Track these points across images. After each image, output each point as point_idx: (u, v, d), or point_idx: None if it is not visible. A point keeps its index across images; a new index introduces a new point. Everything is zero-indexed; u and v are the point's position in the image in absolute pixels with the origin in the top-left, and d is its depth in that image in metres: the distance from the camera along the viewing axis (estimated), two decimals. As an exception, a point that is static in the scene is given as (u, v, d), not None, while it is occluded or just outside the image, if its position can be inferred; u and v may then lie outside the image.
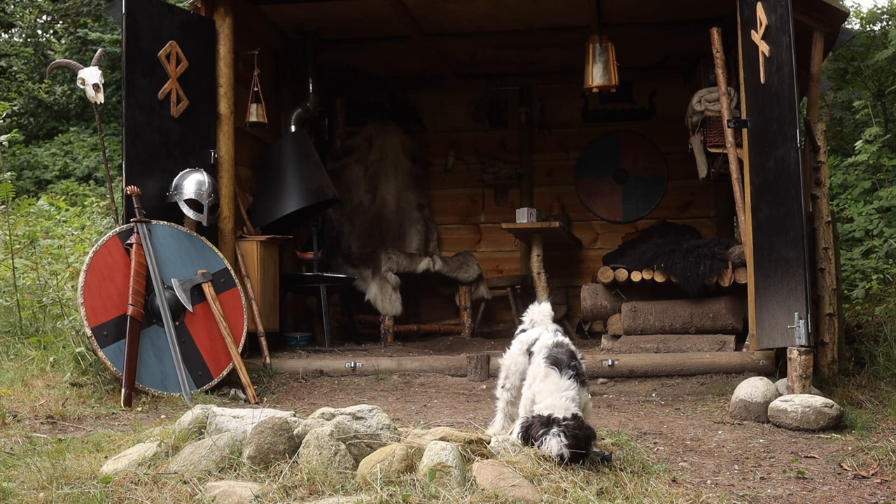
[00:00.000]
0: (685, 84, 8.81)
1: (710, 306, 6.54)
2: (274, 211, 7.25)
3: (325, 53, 8.19)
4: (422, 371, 6.36)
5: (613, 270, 6.86)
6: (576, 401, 3.47)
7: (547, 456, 3.41)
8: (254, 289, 6.61)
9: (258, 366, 6.31)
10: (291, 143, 7.59)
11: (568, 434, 3.35)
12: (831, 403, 4.69)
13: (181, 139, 6.38)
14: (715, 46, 6.41)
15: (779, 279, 5.32)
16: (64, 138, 13.71)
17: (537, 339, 3.75)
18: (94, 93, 6.09)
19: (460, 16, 7.62)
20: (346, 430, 3.50)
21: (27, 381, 5.38)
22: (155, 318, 5.66)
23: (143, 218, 5.82)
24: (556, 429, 3.36)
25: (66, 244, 8.18)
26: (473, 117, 9.62)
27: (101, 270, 5.55)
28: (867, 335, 6.41)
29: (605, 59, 7.17)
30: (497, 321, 9.21)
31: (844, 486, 3.62)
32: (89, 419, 4.90)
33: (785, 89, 5.22)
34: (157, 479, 3.39)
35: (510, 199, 9.48)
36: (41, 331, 6.40)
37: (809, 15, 5.75)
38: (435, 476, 3.21)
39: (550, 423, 3.38)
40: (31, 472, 3.53)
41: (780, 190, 5.32)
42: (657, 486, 3.41)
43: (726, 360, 5.96)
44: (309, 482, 3.26)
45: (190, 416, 3.89)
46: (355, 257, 8.63)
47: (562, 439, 3.34)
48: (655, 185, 9.31)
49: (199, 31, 6.58)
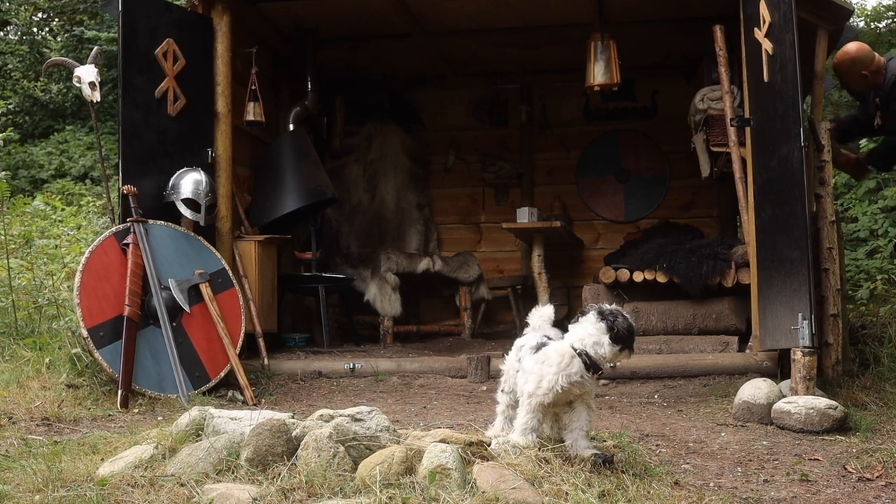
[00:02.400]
0: (687, 82, 8.78)
1: (712, 307, 6.52)
2: (272, 210, 7.23)
3: (325, 52, 8.16)
4: (421, 372, 6.34)
5: (615, 271, 6.84)
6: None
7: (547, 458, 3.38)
8: (252, 289, 6.58)
9: (256, 367, 6.28)
10: (290, 142, 7.57)
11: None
12: (835, 405, 4.67)
13: (178, 138, 6.35)
14: (718, 44, 6.37)
15: (782, 279, 5.30)
16: (60, 137, 13.70)
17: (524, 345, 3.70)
18: (90, 91, 6.06)
19: (460, 13, 7.59)
20: (345, 432, 3.47)
21: (23, 382, 5.35)
22: (152, 318, 5.63)
23: (139, 218, 5.80)
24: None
25: (61, 244, 8.17)
26: (474, 116, 9.59)
27: (97, 271, 5.52)
28: (872, 336, 6.37)
29: (607, 57, 7.13)
30: (498, 322, 9.19)
31: (848, 489, 3.59)
32: (85, 421, 4.88)
33: (788, 87, 5.18)
34: (154, 482, 3.36)
35: (511, 199, 9.45)
36: (37, 332, 6.37)
37: (813, 12, 5.71)
38: (435, 478, 3.19)
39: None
40: (27, 474, 3.51)
41: (783, 189, 5.30)
42: (659, 488, 3.39)
43: (729, 361, 5.94)
44: (307, 484, 3.23)
45: (187, 417, 3.87)
46: (354, 257, 8.60)
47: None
48: (657, 185, 9.28)
49: (196, 28, 6.56)
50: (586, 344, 3.45)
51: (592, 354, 3.44)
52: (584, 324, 3.50)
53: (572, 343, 3.48)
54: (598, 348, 3.43)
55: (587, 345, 3.45)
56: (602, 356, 3.44)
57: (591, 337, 3.44)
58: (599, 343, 3.43)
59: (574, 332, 3.52)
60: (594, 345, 3.43)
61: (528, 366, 3.56)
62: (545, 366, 3.48)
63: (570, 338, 3.51)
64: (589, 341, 3.44)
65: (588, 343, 3.44)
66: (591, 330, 3.45)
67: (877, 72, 5.69)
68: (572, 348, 3.47)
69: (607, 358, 3.45)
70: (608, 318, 3.44)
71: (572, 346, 3.47)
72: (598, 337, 3.43)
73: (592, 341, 3.44)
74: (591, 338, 3.44)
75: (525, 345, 3.68)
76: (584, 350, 3.45)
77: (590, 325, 3.46)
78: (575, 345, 3.47)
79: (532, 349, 3.60)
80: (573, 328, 3.54)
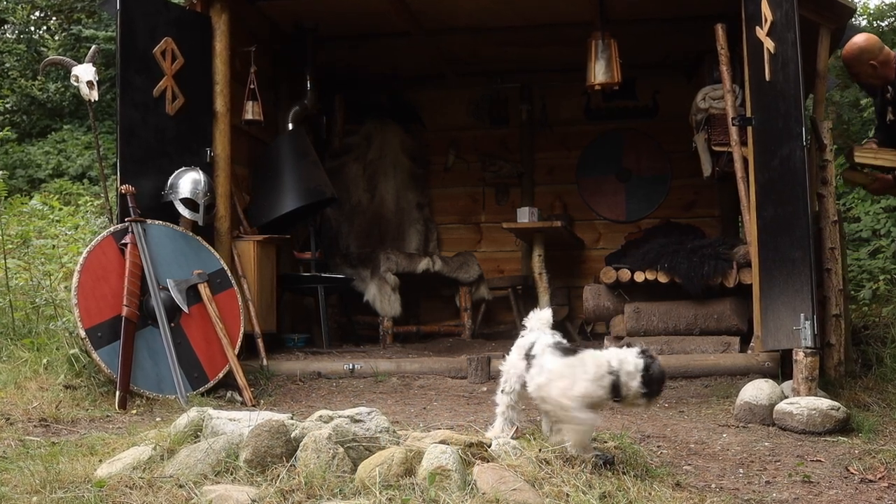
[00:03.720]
0: (689, 81, 8.77)
1: (714, 307, 6.50)
2: (271, 210, 7.21)
3: (324, 51, 8.15)
4: (421, 373, 6.32)
5: (616, 271, 6.82)
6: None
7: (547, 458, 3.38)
8: (251, 289, 6.56)
9: (255, 367, 6.26)
10: (289, 141, 7.55)
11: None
12: (838, 406, 4.65)
13: (177, 137, 6.33)
14: (720, 43, 6.35)
15: (784, 280, 5.28)
16: (57, 136, 13.68)
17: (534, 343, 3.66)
18: (88, 90, 6.05)
19: (460, 11, 7.58)
20: (345, 433, 3.47)
21: (20, 383, 5.34)
22: (150, 319, 5.60)
23: (137, 217, 5.78)
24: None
25: (59, 244, 8.16)
26: (474, 115, 9.57)
27: (95, 271, 5.50)
28: (874, 336, 6.36)
29: (608, 55, 7.11)
30: (498, 322, 9.17)
31: (851, 490, 3.58)
32: (83, 422, 4.86)
33: (790, 86, 5.17)
34: (152, 483, 3.35)
35: (511, 199, 9.43)
36: (34, 332, 6.35)
37: (815, 11, 5.69)
38: (435, 480, 3.18)
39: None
40: (25, 475, 3.50)
41: (785, 189, 5.28)
42: (661, 490, 3.37)
43: (731, 361, 5.92)
44: (307, 486, 3.22)
45: (186, 418, 3.87)
46: (354, 257, 8.59)
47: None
48: (659, 184, 9.26)
49: (195, 27, 6.54)
50: (622, 369, 3.45)
51: (621, 381, 3.45)
52: (625, 352, 3.50)
53: (610, 359, 3.48)
54: (629, 379, 3.44)
55: (622, 371, 3.45)
56: (627, 388, 3.45)
57: (628, 366, 3.44)
58: (632, 376, 3.44)
59: (613, 352, 3.52)
60: (627, 374, 3.44)
61: (552, 365, 3.53)
62: (579, 370, 3.47)
63: (609, 354, 3.51)
64: (624, 369, 3.44)
65: (623, 370, 3.45)
66: (631, 360, 3.46)
67: (885, 63, 5.66)
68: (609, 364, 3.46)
69: (629, 394, 3.46)
70: (647, 358, 3.46)
71: (609, 363, 3.47)
72: (634, 371, 3.44)
73: (627, 370, 3.44)
74: (627, 366, 3.44)
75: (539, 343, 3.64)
76: (618, 373, 3.45)
77: (630, 356, 3.47)
78: (613, 362, 3.46)
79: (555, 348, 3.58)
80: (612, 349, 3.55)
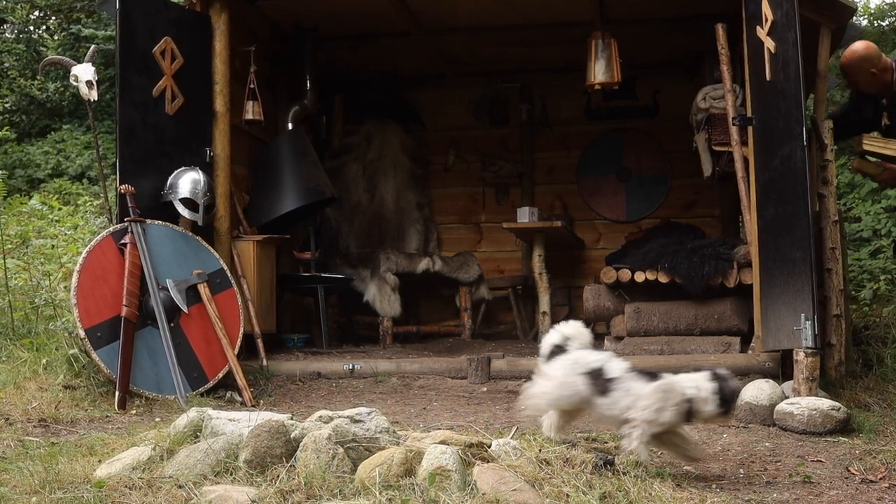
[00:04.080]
0: (689, 81, 8.74)
1: (714, 307, 6.49)
2: (271, 210, 7.19)
3: (324, 50, 8.14)
4: (421, 373, 6.30)
5: (616, 271, 6.81)
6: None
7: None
8: (250, 289, 6.55)
9: (255, 368, 6.25)
10: (289, 141, 7.54)
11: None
12: (838, 406, 4.64)
13: (176, 137, 6.32)
14: (720, 42, 6.34)
15: (785, 280, 5.27)
16: (57, 136, 13.67)
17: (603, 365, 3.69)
18: (87, 90, 6.03)
19: (460, 11, 7.57)
20: (345, 434, 3.47)
21: (19, 383, 5.34)
22: (149, 319, 5.59)
23: (137, 217, 5.77)
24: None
25: (58, 244, 8.15)
26: (474, 115, 9.55)
27: (94, 271, 5.49)
28: (875, 337, 6.36)
29: (608, 55, 7.10)
30: (498, 322, 9.16)
31: (852, 491, 3.57)
32: (83, 422, 4.86)
33: (791, 86, 5.16)
34: (151, 484, 3.36)
35: (511, 199, 9.41)
36: (33, 332, 6.35)
37: (816, 10, 5.68)
38: (435, 480, 3.18)
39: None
40: (24, 476, 3.50)
41: (786, 189, 5.27)
42: (661, 490, 3.36)
43: (731, 361, 5.89)
44: (306, 486, 3.23)
45: (185, 419, 3.88)
46: (354, 257, 8.57)
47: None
48: (659, 184, 9.25)
49: (194, 27, 6.53)
50: (697, 397, 3.59)
51: (695, 408, 3.61)
52: (698, 378, 3.64)
53: (686, 389, 3.61)
54: (704, 405, 3.59)
55: (697, 399, 3.59)
56: (701, 413, 3.61)
57: (703, 392, 3.59)
58: (707, 401, 3.59)
59: (689, 379, 3.65)
60: (702, 401, 3.59)
61: (639, 389, 3.62)
62: (668, 395, 3.60)
63: (685, 381, 3.64)
64: (700, 396, 3.59)
65: (699, 398, 3.59)
66: (705, 386, 3.60)
67: (884, 70, 5.70)
68: (684, 394, 3.60)
69: (704, 415, 3.62)
70: (720, 381, 3.61)
71: (685, 392, 3.61)
72: (708, 396, 3.58)
73: (702, 398, 3.59)
74: (702, 393, 3.59)
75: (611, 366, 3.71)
76: (692, 400, 3.60)
77: (704, 381, 3.62)
78: (688, 391, 3.60)
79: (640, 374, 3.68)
80: (684, 376, 3.67)
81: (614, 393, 3.63)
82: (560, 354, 3.78)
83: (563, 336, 3.83)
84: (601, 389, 3.65)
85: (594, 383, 3.66)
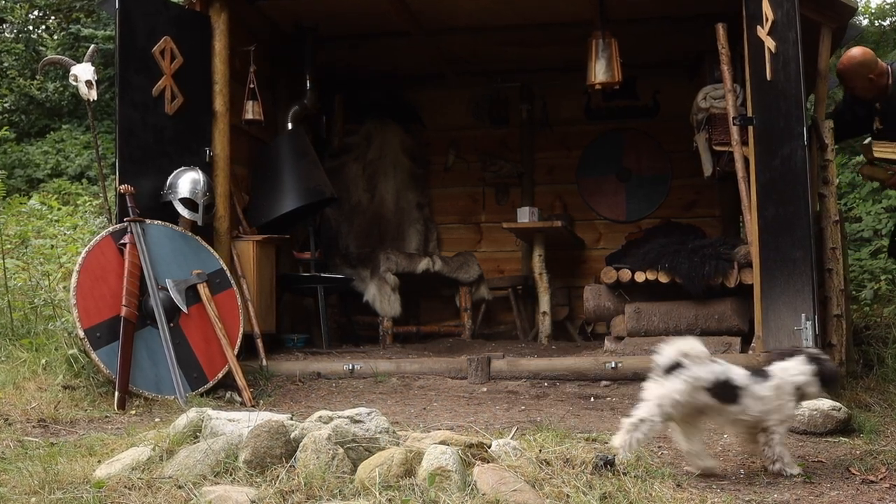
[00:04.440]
0: (690, 81, 8.73)
1: (715, 307, 6.48)
2: (271, 210, 7.18)
3: (324, 50, 8.13)
4: (421, 373, 6.29)
5: (617, 271, 6.80)
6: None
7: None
8: (250, 289, 6.54)
9: (254, 368, 6.24)
10: (289, 141, 7.53)
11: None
12: (839, 406, 4.63)
13: (176, 137, 6.31)
14: (720, 42, 6.33)
15: (785, 280, 5.26)
16: (56, 136, 13.65)
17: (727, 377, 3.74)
18: (86, 90, 6.03)
19: (459, 11, 7.56)
20: (344, 434, 3.46)
21: (19, 383, 5.33)
22: (149, 319, 5.58)
23: (136, 217, 5.76)
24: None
25: (58, 244, 8.14)
26: (474, 115, 9.54)
27: (93, 271, 5.48)
28: (876, 337, 6.35)
29: (608, 55, 7.09)
30: (498, 322, 9.15)
31: (852, 491, 3.55)
32: (82, 422, 4.85)
33: (791, 86, 5.15)
34: (151, 484, 3.34)
35: (511, 199, 9.40)
36: (33, 332, 6.34)
37: (816, 10, 5.68)
38: (434, 481, 3.17)
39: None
40: (23, 476, 3.48)
41: (786, 189, 5.27)
42: (661, 490, 3.35)
43: (731, 362, 5.87)
44: (306, 487, 3.22)
45: (185, 419, 3.87)
46: (353, 257, 8.56)
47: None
48: (659, 184, 9.24)
49: (194, 26, 6.52)
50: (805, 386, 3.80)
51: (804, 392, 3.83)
52: (797, 364, 3.81)
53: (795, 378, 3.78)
54: (809, 387, 3.80)
55: (805, 386, 3.80)
56: (809, 395, 3.86)
57: (804, 377, 3.78)
58: (811, 384, 3.79)
59: (793, 367, 3.81)
60: (807, 384, 3.79)
61: (761, 392, 3.72)
62: (784, 394, 3.77)
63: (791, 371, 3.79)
64: (806, 382, 3.79)
65: (805, 385, 3.79)
66: (806, 370, 3.79)
67: (880, 75, 5.73)
68: (794, 386, 3.78)
69: (811, 396, 3.89)
70: (817, 364, 3.81)
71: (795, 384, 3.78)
72: (811, 380, 3.78)
73: (807, 382, 3.78)
74: (803, 377, 3.78)
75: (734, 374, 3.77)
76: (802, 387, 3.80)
77: (804, 366, 3.80)
78: (798, 379, 3.78)
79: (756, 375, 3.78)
80: (779, 364, 3.84)
81: (744, 399, 3.73)
82: (678, 369, 3.78)
83: (680, 352, 3.83)
84: (730, 398, 3.73)
85: (722, 393, 3.72)
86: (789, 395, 3.76)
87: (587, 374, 6.12)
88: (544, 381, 6.09)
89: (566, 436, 4.15)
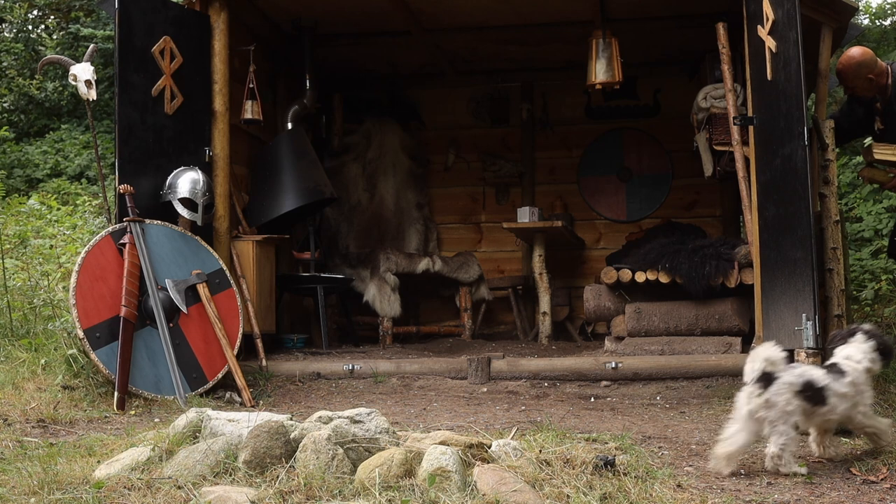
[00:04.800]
0: (690, 80, 8.75)
1: (715, 307, 6.47)
2: (270, 210, 7.18)
3: (323, 49, 8.13)
4: (421, 374, 6.29)
5: (617, 271, 6.79)
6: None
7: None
8: (249, 290, 6.54)
9: (254, 368, 6.24)
10: (288, 140, 7.52)
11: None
12: (840, 406, 4.61)
13: (175, 137, 6.30)
14: (721, 42, 6.33)
15: (786, 280, 5.25)
16: (55, 136, 13.64)
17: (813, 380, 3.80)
18: (86, 89, 6.02)
19: (460, 10, 7.56)
20: (344, 434, 3.45)
21: (18, 383, 5.31)
22: (148, 319, 5.58)
23: (136, 217, 5.75)
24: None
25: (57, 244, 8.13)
26: (474, 114, 9.54)
27: (93, 271, 5.48)
28: (876, 337, 6.33)
29: (609, 54, 7.09)
30: (498, 322, 9.15)
31: (853, 491, 3.54)
32: (81, 423, 4.84)
33: (792, 86, 5.14)
34: (150, 485, 3.34)
35: (511, 198, 9.40)
36: (32, 332, 6.33)
37: (817, 9, 5.66)
38: (435, 481, 3.17)
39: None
40: (22, 476, 3.48)
41: (787, 189, 5.25)
42: (662, 491, 3.35)
43: (732, 362, 5.89)
44: (306, 487, 3.21)
45: (184, 419, 3.86)
46: (353, 257, 8.55)
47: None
48: (660, 184, 9.23)
49: (193, 26, 6.51)
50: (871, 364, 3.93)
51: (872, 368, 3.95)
52: (856, 345, 3.95)
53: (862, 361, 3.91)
54: (873, 363, 3.93)
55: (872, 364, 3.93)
56: (875, 371, 3.96)
57: (868, 355, 3.92)
58: (874, 360, 3.93)
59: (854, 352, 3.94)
60: (871, 361, 3.92)
61: (842, 389, 3.81)
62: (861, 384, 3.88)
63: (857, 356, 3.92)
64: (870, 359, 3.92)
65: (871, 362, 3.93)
66: (865, 348, 3.93)
67: (880, 75, 5.72)
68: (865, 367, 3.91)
69: (875, 371, 3.97)
70: (873, 339, 3.97)
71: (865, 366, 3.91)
72: (874, 356, 3.93)
73: (871, 358, 3.92)
74: (869, 355, 3.92)
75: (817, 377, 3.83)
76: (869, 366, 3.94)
77: (863, 345, 3.94)
78: (865, 362, 3.91)
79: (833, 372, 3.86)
80: (844, 349, 3.97)
81: (830, 399, 3.80)
82: (769, 379, 3.79)
83: (767, 361, 3.84)
84: (819, 400, 3.78)
85: (812, 396, 3.78)
86: (865, 383, 3.86)
87: (587, 374, 6.12)
88: (544, 381, 6.09)
89: (566, 436, 4.13)
